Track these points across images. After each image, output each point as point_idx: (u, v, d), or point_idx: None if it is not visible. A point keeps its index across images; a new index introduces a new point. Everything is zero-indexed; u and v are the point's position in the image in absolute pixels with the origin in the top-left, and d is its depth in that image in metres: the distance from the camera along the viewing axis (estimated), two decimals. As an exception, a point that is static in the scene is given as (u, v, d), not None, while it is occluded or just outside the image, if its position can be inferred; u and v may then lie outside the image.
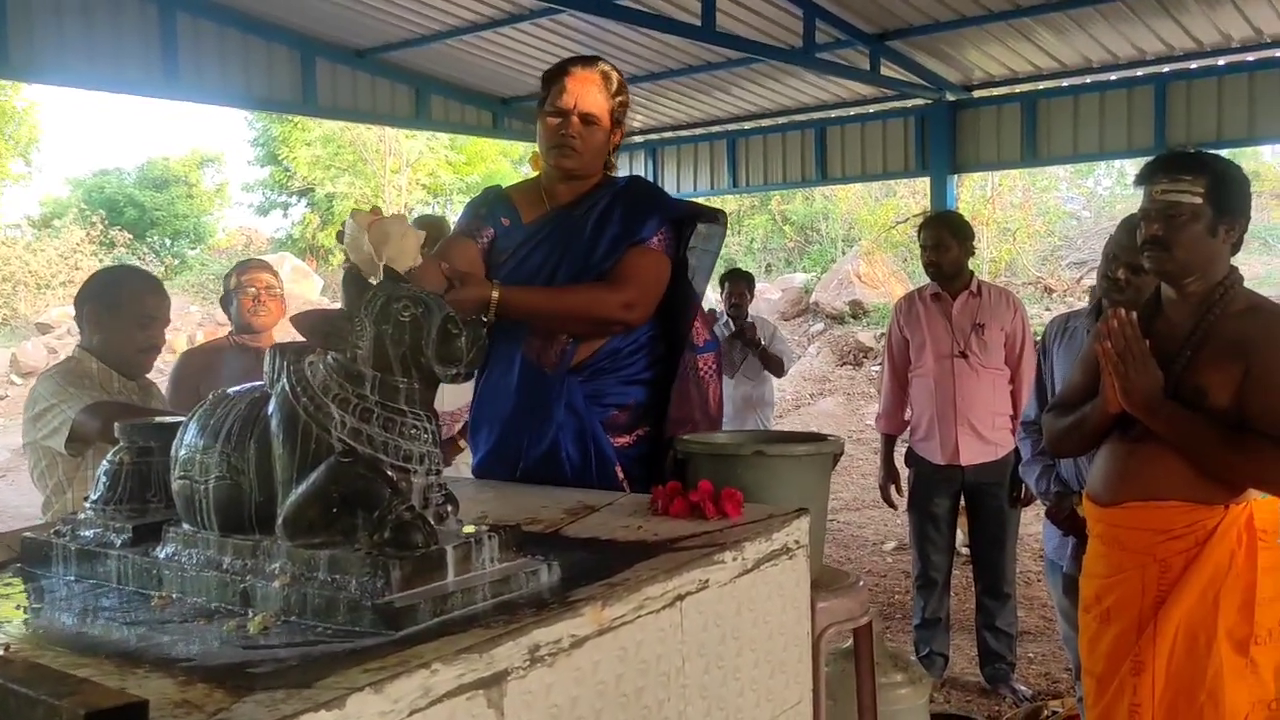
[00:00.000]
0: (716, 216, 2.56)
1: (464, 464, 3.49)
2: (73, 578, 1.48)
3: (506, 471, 2.43)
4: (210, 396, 1.48)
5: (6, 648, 1.17)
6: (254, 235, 27.12)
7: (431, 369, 1.38)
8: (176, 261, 25.02)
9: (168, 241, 26.27)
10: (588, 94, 2.41)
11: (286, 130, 24.03)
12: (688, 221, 2.50)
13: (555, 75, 2.45)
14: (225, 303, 3.83)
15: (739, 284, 6.08)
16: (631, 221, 2.42)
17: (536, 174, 2.59)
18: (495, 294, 2.22)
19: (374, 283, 1.44)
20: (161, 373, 3.66)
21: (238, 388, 1.49)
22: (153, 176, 26.97)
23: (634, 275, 2.37)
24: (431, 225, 4.91)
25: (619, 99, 2.48)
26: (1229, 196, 2.28)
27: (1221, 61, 7.50)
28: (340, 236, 1.56)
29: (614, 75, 2.48)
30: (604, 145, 2.47)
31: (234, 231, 27.95)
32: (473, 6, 7.33)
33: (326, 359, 1.39)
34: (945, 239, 4.29)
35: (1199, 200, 2.26)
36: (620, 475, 2.38)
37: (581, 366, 2.40)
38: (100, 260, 21.67)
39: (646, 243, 2.41)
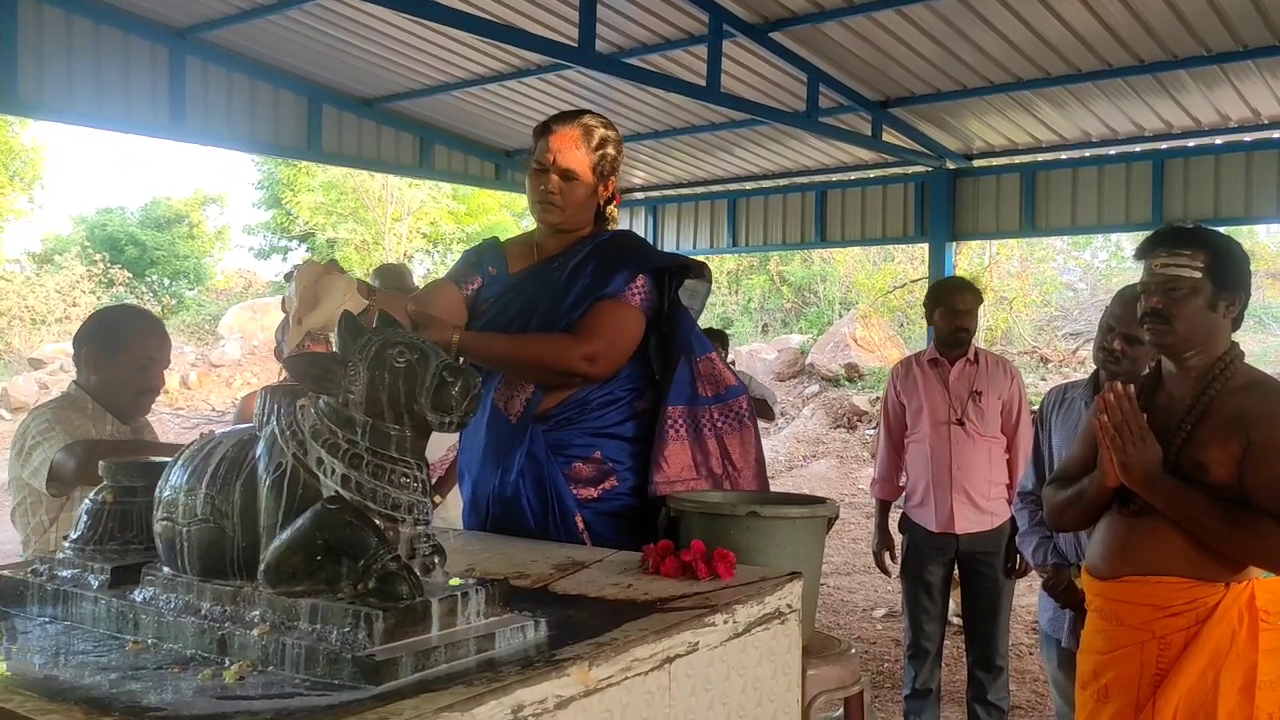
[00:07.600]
0: (702, 270, 2.54)
1: (439, 517, 3.41)
2: (47, 619, 1.45)
3: (479, 519, 2.42)
4: (199, 437, 1.46)
5: (-28, 690, 1.14)
6: (253, 278, 27.17)
7: (424, 417, 1.35)
8: (174, 301, 25.02)
9: (167, 281, 26.28)
10: (566, 150, 2.42)
11: (291, 174, 24.19)
12: (674, 274, 2.49)
13: (540, 131, 2.47)
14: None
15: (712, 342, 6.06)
16: (602, 275, 2.40)
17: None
18: (455, 337, 2.23)
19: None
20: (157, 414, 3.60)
21: (226, 429, 1.46)
22: (155, 216, 27.06)
23: (599, 328, 2.35)
24: (393, 274, 4.91)
25: (601, 152, 2.45)
26: (1229, 272, 2.28)
27: (1219, 140, 7.58)
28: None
29: (597, 129, 2.46)
30: (587, 199, 2.46)
31: (233, 274, 28.00)
32: (480, 60, 7.41)
33: (318, 403, 1.37)
34: (974, 306, 4.29)
35: (1199, 275, 2.26)
36: (581, 526, 2.34)
37: (547, 415, 2.38)
38: (98, 298, 21.68)
39: (617, 296, 2.39)
